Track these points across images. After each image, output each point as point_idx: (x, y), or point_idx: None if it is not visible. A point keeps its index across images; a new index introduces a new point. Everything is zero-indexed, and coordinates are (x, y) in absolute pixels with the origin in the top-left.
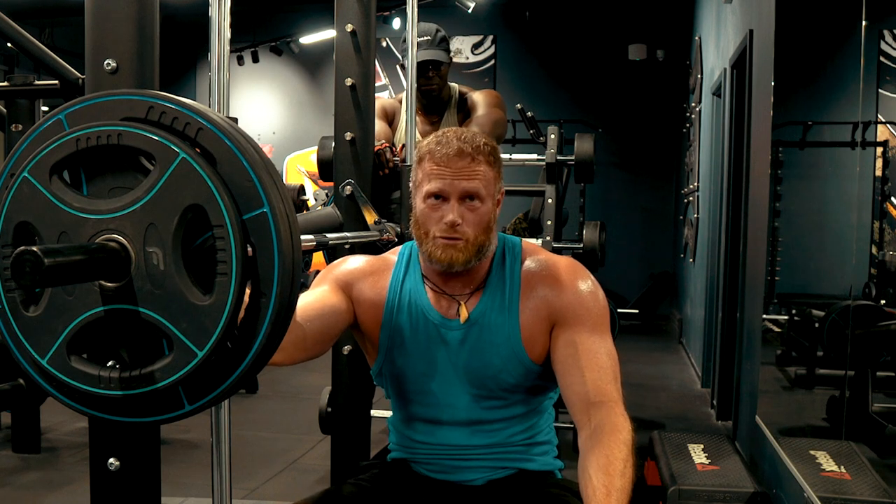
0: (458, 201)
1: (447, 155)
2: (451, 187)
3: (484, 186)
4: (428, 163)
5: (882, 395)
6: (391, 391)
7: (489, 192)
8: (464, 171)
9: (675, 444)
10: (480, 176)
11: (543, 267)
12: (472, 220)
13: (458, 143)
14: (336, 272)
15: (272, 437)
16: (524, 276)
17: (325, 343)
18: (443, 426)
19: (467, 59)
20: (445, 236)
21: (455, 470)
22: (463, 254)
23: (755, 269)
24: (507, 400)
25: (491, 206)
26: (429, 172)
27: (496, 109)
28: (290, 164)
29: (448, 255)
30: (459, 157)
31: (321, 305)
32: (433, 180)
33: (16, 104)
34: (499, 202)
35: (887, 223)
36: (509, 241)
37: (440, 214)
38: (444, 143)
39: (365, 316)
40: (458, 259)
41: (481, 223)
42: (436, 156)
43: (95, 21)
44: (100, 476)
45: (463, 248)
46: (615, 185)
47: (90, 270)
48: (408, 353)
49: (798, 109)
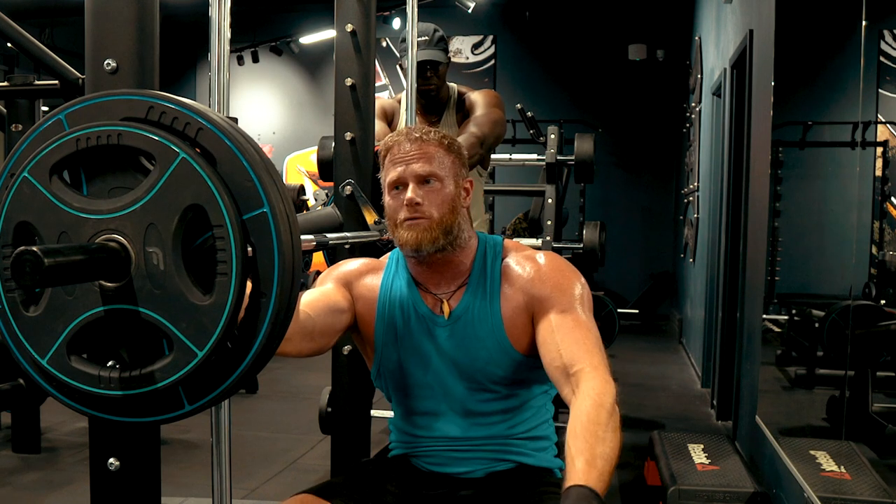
0: (416, 184)
1: (398, 143)
2: (406, 172)
3: (439, 168)
4: (386, 159)
5: (882, 395)
6: (391, 388)
7: (448, 174)
8: (415, 155)
9: (675, 444)
10: (433, 157)
11: (521, 261)
12: (434, 200)
13: (406, 132)
14: (337, 273)
15: (272, 437)
16: (504, 271)
17: (330, 336)
18: (441, 418)
19: (467, 59)
20: (408, 217)
21: (455, 462)
22: (429, 233)
23: (755, 269)
24: (498, 393)
25: (454, 189)
26: (388, 166)
27: (495, 109)
28: (290, 164)
29: (413, 235)
30: (410, 143)
31: (327, 300)
32: (392, 171)
33: (16, 104)
34: (467, 191)
35: (887, 223)
36: (490, 239)
37: (401, 202)
38: (395, 135)
39: (361, 313)
40: (425, 239)
41: (444, 203)
42: (391, 148)
43: (95, 21)
44: (100, 476)
45: (427, 226)
46: (615, 185)
47: (90, 270)
48: (402, 347)
49: (798, 109)
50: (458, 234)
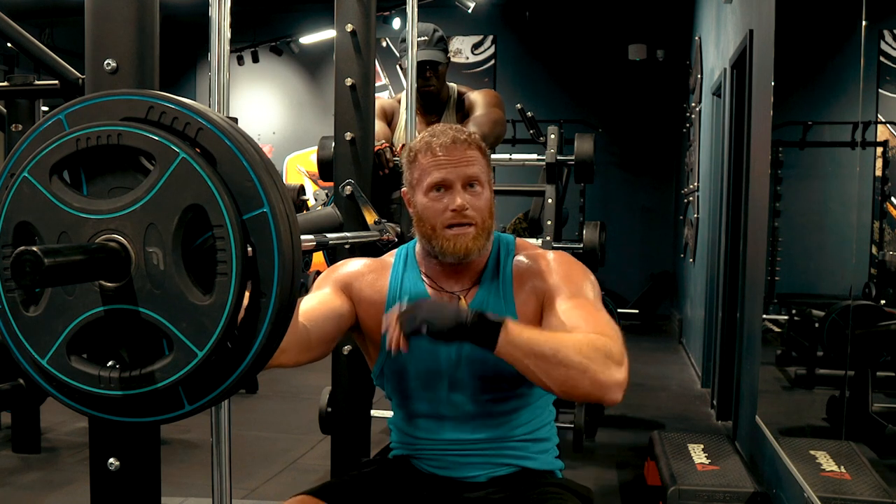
0: (462, 188)
1: (444, 145)
2: (454, 174)
3: (481, 172)
4: (424, 157)
5: (882, 395)
6: (393, 390)
7: (486, 179)
8: (463, 158)
9: (675, 444)
10: (478, 162)
11: (532, 259)
12: (479, 205)
13: (452, 132)
14: (336, 275)
15: (272, 437)
16: (515, 269)
17: (328, 344)
18: (446, 421)
19: (467, 59)
20: (455, 223)
21: (457, 466)
22: (475, 241)
23: (755, 269)
24: (508, 391)
25: (490, 194)
26: (427, 166)
27: (495, 109)
28: (290, 164)
29: (462, 244)
30: (456, 145)
31: (323, 307)
32: (434, 172)
33: (16, 104)
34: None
35: (887, 223)
36: (503, 238)
37: (444, 205)
38: (438, 135)
39: (365, 315)
40: (472, 247)
41: (486, 208)
42: (434, 148)
43: (95, 21)
44: (100, 476)
45: (475, 234)
46: (615, 185)
47: (90, 270)
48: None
49: (798, 109)
50: (492, 237)
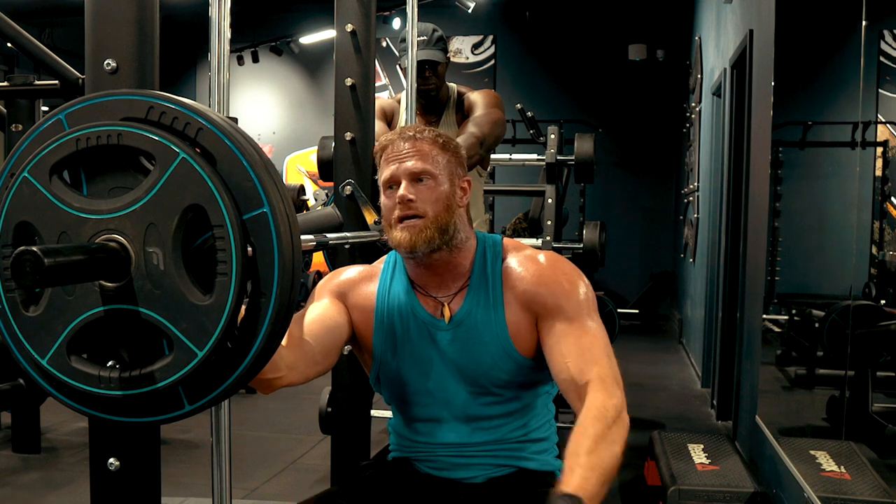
0: (409, 182)
1: (392, 142)
2: (399, 170)
3: (433, 166)
4: (382, 159)
5: (882, 395)
6: (390, 395)
7: (442, 172)
8: (409, 153)
9: (675, 444)
10: (427, 155)
11: (522, 262)
12: (428, 198)
13: (400, 131)
14: (330, 284)
15: (272, 437)
16: (505, 273)
17: (333, 355)
18: (443, 424)
19: (467, 59)
20: (402, 215)
21: (456, 468)
22: (423, 233)
23: (755, 269)
24: (501, 396)
25: (449, 188)
26: (383, 165)
27: (495, 109)
28: (290, 164)
29: (407, 236)
30: (404, 141)
31: (324, 319)
32: (385, 170)
33: (16, 104)
34: (464, 190)
35: (887, 223)
36: (489, 239)
37: (395, 200)
38: (391, 135)
39: (358, 322)
40: (420, 239)
41: (438, 201)
42: (385, 148)
43: (95, 21)
44: (100, 476)
45: (422, 226)
46: (615, 185)
47: (90, 270)
48: (402, 355)
49: (798, 109)
50: (455, 234)
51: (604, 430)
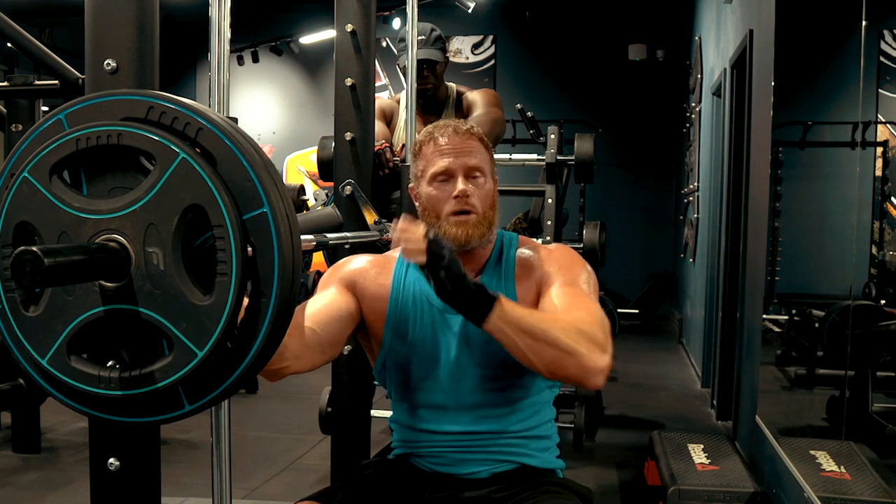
0: (464, 177)
1: (447, 134)
2: (456, 164)
3: (483, 162)
4: (428, 148)
5: (882, 395)
6: (395, 383)
7: (489, 170)
8: (465, 149)
9: (675, 444)
10: (480, 152)
11: (534, 252)
12: (480, 194)
13: (454, 125)
14: (340, 273)
15: (272, 437)
16: (518, 260)
17: (340, 344)
18: (448, 412)
19: (467, 59)
20: (458, 210)
21: (458, 462)
22: (476, 228)
23: (755, 269)
24: (510, 380)
25: (492, 186)
26: (431, 156)
27: (494, 109)
28: (290, 164)
29: (464, 231)
30: (458, 136)
31: (331, 308)
32: (437, 161)
33: (16, 104)
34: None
35: (887, 223)
36: (507, 235)
37: (448, 193)
38: (441, 128)
39: (368, 310)
40: (473, 234)
41: (488, 198)
42: (437, 138)
43: (95, 21)
44: (100, 476)
45: (476, 222)
46: (615, 185)
47: (90, 270)
48: (413, 341)
49: (798, 109)
50: (494, 229)
51: (568, 321)
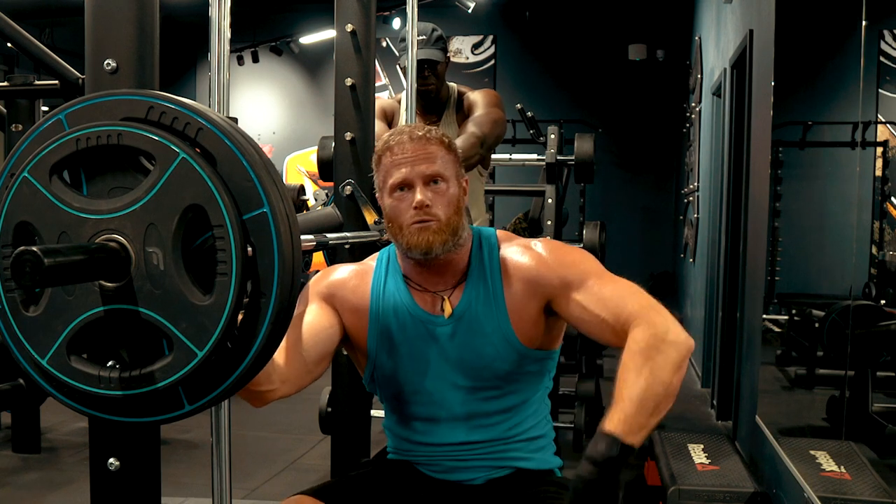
0: (423, 185)
1: (401, 143)
2: (413, 173)
3: (444, 168)
4: (386, 158)
5: (882, 395)
6: (385, 395)
7: (451, 174)
8: (422, 155)
9: (675, 444)
10: (438, 157)
11: (520, 250)
12: (441, 201)
13: (408, 131)
14: (318, 287)
15: (272, 437)
16: (503, 263)
17: (326, 361)
18: (441, 423)
19: (467, 59)
20: (417, 220)
21: (454, 469)
22: (439, 235)
23: (755, 269)
24: (502, 389)
25: (457, 189)
26: (389, 167)
27: (495, 109)
28: (290, 164)
29: (424, 238)
30: (413, 143)
31: (313, 328)
32: (395, 172)
33: (16, 104)
34: (465, 190)
35: (887, 223)
36: (484, 232)
37: (408, 203)
38: (396, 135)
39: (350, 323)
40: (435, 241)
41: (450, 204)
42: (392, 148)
43: (95, 21)
44: (100, 476)
45: (437, 229)
46: (615, 185)
47: (90, 270)
48: (398, 354)
49: (798, 109)
50: (462, 234)
51: (643, 362)
